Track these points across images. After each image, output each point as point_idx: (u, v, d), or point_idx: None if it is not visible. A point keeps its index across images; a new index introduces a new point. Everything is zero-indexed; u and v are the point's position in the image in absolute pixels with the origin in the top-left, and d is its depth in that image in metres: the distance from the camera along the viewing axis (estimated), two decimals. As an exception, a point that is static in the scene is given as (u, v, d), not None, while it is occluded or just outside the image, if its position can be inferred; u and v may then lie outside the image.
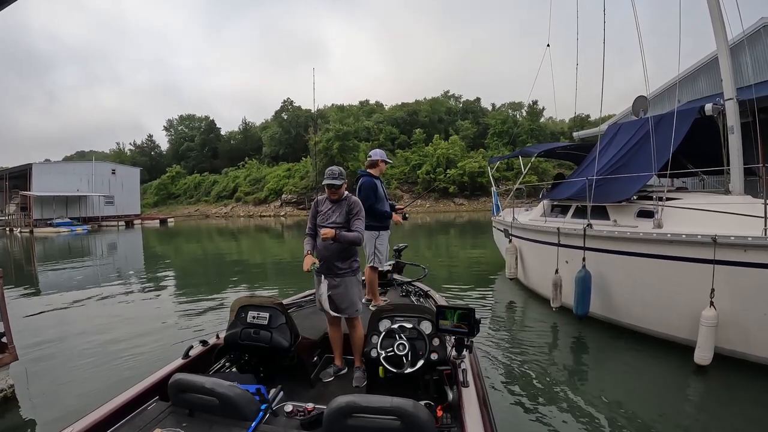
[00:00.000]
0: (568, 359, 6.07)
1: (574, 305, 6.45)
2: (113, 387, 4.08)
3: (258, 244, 26.67)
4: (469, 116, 74.51)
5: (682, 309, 5.50)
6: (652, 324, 6.06)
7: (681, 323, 5.58)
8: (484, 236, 20.33)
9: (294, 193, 60.69)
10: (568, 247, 7.02)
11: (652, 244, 5.72)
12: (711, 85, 12.31)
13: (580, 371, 5.69)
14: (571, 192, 7.75)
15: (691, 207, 5.87)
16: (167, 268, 17.07)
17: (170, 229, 44.76)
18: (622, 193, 6.69)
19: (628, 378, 5.34)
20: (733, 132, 6.42)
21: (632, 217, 6.52)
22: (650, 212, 6.30)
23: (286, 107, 76.31)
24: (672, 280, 5.61)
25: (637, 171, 6.73)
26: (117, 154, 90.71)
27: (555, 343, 6.64)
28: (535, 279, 8.72)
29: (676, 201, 6.33)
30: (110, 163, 63.41)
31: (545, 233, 7.80)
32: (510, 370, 5.52)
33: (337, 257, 3.90)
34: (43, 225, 43.76)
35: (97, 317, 8.78)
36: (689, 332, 5.38)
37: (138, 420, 2.65)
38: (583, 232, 6.55)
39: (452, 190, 54.47)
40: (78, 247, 26.99)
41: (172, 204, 73.74)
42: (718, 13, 6.48)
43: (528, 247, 8.75)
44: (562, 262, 7.09)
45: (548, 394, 4.91)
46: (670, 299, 5.68)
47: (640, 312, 6.17)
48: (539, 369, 5.53)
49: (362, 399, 2.28)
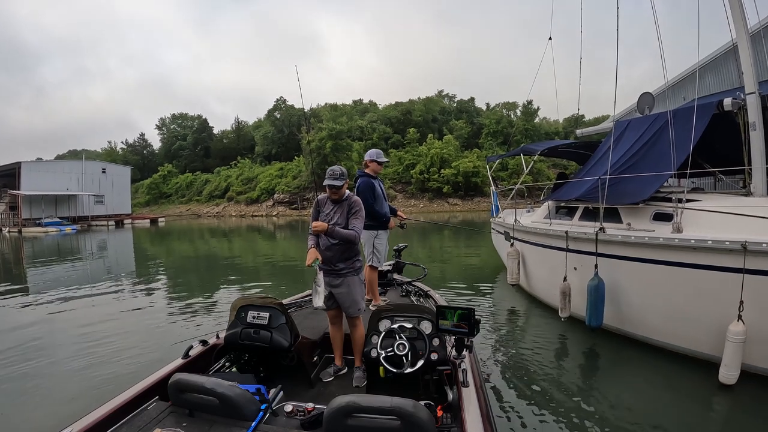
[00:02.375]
0: (577, 370, 5.65)
1: (587, 316, 5.90)
2: (106, 389, 4.18)
3: (250, 245, 26.28)
4: (463, 116, 74.63)
5: (706, 322, 5.01)
6: (670, 338, 5.55)
7: (704, 338, 5.10)
8: (478, 236, 20.02)
9: (286, 192, 60.41)
10: (577, 253, 6.46)
11: (673, 251, 5.20)
12: (718, 82, 11.91)
13: (590, 383, 5.26)
14: (579, 192, 7.18)
15: (716, 210, 5.32)
16: (158, 269, 16.71)
17: (161, 228, 44.32)
18: (638, 193, 6.16)
19: (644, 394, 4.86)
20: (755, 128, 5.94)
21: (647, 220, 6.01)
22: (667, 215, 5.81)
23: (279, 106, 76.35)
24: (695, 291, 5.09)
25: (651, 170, 6.23)
26: (109, 152, 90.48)
27: (563, 354, 6.18)
28: (540, 286, 8.16)
29: (695, 203, 5.82)
30: (101, 162, 63.05)
31: (552, 237, 7.23)
32: (515, 377, 5.30)
33: (339, 257, 3.90)
34: (32, 224, 43.33)
35: (88, 319, 8.54)
36: (712, 347, 4.93)
37: (138, 420, 2.65)
38: (595, 236, 6.00)
39: (446, 190, 54.26)
40: (67, 247, 26.53)
41: (164, 203, 73.48)
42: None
43: (532, 252, 8.16)
44: (571, 269, 6.56)
45: (554, 401, 4.69)
46: (693, 311, 5.17)
47: (657, 324, 5.66)
48: (545, 378, 5.26)
49: (362, 399, 2.27)
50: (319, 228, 3.71)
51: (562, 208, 8.02)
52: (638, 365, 5.59)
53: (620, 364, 5.76)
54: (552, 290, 7.09)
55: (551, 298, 7.40)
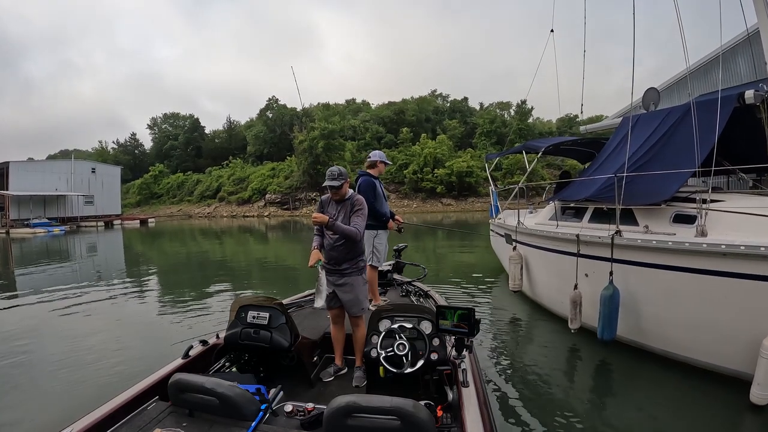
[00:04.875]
0: (584, 378, 5.34)
1: (599, 328, 5.36)
2: (107, 390, 3.97)
3: (242, 246, 25.87)
4: (457, 115, 74.32)
5: (736, 335, 4.52)
6: (693, 352, 5.04)
7: (733, 352, 4.60)
8: (474, 237, 19.61)
9: (278, 192, 59.80)
10: (589, 258, 5.93)
11: (699, 257, 4.68)
12: (726, 77, 11.46)
13: (599, 392, 4.96)
14: (590, 192, 6.60)
15: (748, 212, 4.78)
16: (149, 270, 16.40)
17: (151, 229, 43.79)
18: (658, 192, 5.61)
19: (662, 411, 4.41)
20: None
21: (667, 222, 5.48)
22: (688, 217, 5.30)
23: (271, 105, 76.02)
24: (724, 301, 4.58)
25: (669, 167, 5.70)
26: (100, 152, 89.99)
27: (569, 362, 5.78)
28: (547, 293, 7.57)
29: (719, 204, 5.31)
30: (90, 162, 62.61)
31: (560, 240, 6.66)
32: (516, 379, 5.23)
33: (343, 257, 3.94)
34: (21, 225, 42.73)
35: (84, 321, 8.60)
36: (743, 364, 4.44)
37: (138, 420, 2.66)
38: (610, 240, 5.46)
39: (440, 190, 53.81)
40: (56, 248, 25.97)
41: (155, 204, 72.86)
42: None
43: (538, 257, 7.57)
44: (582, 276, 6.02)
45: (556, 404, 4.60)
46: (720, 323, 4.67)
47: (678, 337, 5.14)
48: (547, 380, 5.13)
49: (362, 399, 2.27)
50: (319, 219, 3.70)
51: (569, 209, 7.47)
52: (655, 380, 5.07)
53: (635, 377, 5.26)
54: (560, 298, 6.57)
55: (559, 307, 6.88)
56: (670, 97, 12.61)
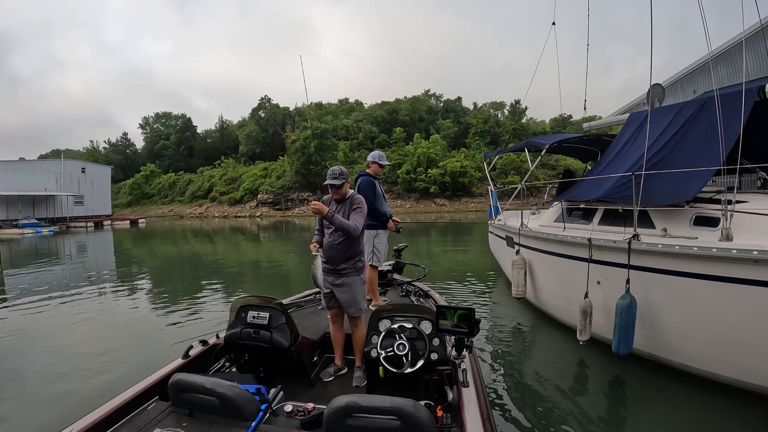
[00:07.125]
0: (595, 394, 4.90)
1: (615, 341, 4.86)
2: (106, 391, 4.04)
3: (234, 247, 25.47)
4: (450, 115, 74.18)
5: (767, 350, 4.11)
6: (718, 366, 4.60)
7: (763, 367, 4.21)
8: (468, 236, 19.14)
9: (270, 193, 59.54)
10: (602, 264, 5.46)
11: (726, 264, 4.24)
12: (732, 73, 11.11)
13: (611, 412, 4.56)
14: (600, 192, 6.12)
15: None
16: (140, 272, 16.00)
17: (141, 230, 43.34)
18: (679, 192, 5.15)
19: (682, 428, 4.13)
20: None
21: (687, 225, 5.04)
22: (710, 219, 4.88)
23: (263, 105, 75.68)
24: (754, 312, 4.14)
25: (687, 165, 5.27)
26: (91, 152, 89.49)
27: (580, 377, 5.34)
28: (553, 301, 7.06)
29: (744, 204, 4.89)
30: (80, 161, 62.11)
31: (569, 245, 6.13)
32: (517, 380, 5.21)
33: (341, 257, 3.94)
34: (9, 226, 42.24)
35: (80, 322, 8.48)
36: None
37: (138, 420, 2.65)
38: (627, 245, 4.98)
39: (433, 191, 53.66)
40: (45, 249, 25.51)
41: (146, 204, 72.61)
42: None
43: (543, 262, 7.03)
44: (593, 283, 5.56)
45: (559, 408, 4.51)
46: (749, 336, 4.24)
47: (701, 350, 4.70)
48: (549, 384, 5.06)
49: (362, 399, 2.26)
50: (318, 207, 3.66)
51: (576, 210, 7.02)
52: (675, 395, 4.68)
53: (651, 391, 4.81)
54: (569, 307, 6.11)
55: (566, 316, 6.43)
56: (673, 94, 12.27)
